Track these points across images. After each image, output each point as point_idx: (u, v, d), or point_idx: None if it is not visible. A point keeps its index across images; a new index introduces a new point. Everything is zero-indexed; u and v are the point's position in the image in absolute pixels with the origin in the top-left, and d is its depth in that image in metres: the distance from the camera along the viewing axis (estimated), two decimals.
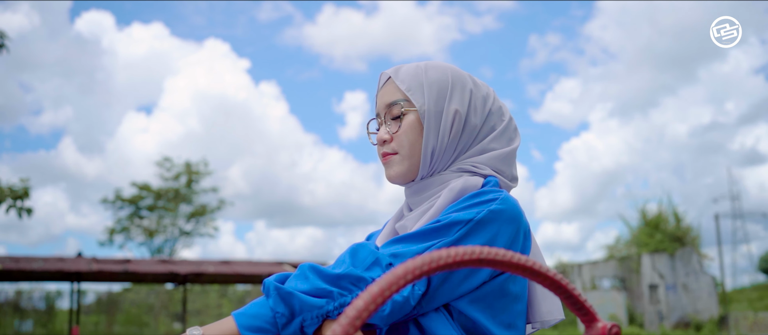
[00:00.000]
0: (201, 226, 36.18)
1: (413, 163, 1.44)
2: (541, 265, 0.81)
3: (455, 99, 1.44)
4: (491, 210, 1.29)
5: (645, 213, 26.43)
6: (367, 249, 1.25)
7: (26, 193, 12.63)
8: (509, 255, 0.79)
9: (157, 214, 35.21)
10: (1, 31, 11.82)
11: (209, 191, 35.72)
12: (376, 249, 1.26)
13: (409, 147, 1.43)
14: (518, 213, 1.33)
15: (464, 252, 0.77)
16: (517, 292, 1.35)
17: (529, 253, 1.35)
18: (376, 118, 1.52)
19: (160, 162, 34.96)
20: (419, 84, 1.44)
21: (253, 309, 1.20)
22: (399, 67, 1.49)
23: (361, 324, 0.70)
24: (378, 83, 1.52)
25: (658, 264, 24.67)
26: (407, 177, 1.46)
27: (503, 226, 1.29)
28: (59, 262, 16.76)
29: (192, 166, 35.13)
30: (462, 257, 0.77)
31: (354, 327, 0.69)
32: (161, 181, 34.97)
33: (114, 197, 34.46)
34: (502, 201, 1.31)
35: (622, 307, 23.88)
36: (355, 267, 1.21)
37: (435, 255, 0.76)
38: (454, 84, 1.46)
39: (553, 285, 0.82)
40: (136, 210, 34.91)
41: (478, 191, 1.34)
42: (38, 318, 26.86)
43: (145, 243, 35.25)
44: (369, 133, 1.56)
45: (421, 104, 1.42)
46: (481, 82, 1.52)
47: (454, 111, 1.43)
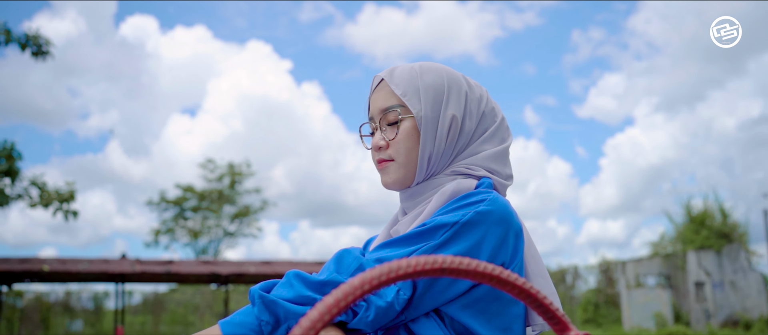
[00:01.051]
0: (244, 227, 36.49)
1: (410, 169, 1.43)
2: (510, 274, 0.80)
3: (452, 103, 1.42)
4: (478, 212, 1.27)
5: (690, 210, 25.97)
6: (352, 255, 1.25)
7: (72, 196, 12.90)
8: (474, 265, 0.78)
9: (201, 215, 35.60)
10: (46, 38, 12.06)
11: (252, 192, 36.02)
12: (361, 254, 1.26)
13: (406, 154, 1.42)
14: (507, 214, 1.30)
15: (425, 261, 0.76)
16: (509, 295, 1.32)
17: (521, 255, 1.32)
18: (369, 122, 1.51)
19: (203, 163, 35.36)
20: (415, 89, 1.42)
21: (239, 317, 1.20)
22: (393, 69, 1.48)
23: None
24: (371, 85, 1.51)
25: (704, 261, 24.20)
26: (404, 184, 1.44)
27: (491, 228, 1.26)
28: (104, 264, 17.05)
29: (235, 167, 35.46)
30: (423, 267, 0.76)
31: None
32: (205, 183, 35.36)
33: (159, 199, 34.93)
34: (490, 203, 1.28)
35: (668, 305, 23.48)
36: (339, 273, 1.21)
37: (394, 265, 0.75)
38: (450, 88, 1.44)
39: (522, 293, 0.81)
40: (180, 211, 35.34)
41: (467, 193, 1.32)
42: (87, 318, 27.42)
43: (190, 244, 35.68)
44: (362, 137, 1.54)
45: (418, 110, 1.41)
46: (474, 83, 1.50)
47: (451, 116, 1.41)
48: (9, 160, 12.11)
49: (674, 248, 25.72)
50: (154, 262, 17.81)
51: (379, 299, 1.18)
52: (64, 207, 12.81)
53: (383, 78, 1.47)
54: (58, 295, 27.01)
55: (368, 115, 1.51)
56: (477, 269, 0.78)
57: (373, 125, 1.48)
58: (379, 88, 1.47)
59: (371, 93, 1.50)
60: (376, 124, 1.47)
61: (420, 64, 1.47)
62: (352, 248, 1.28)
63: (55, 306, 26.78)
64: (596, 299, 25.07)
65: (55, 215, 12.73)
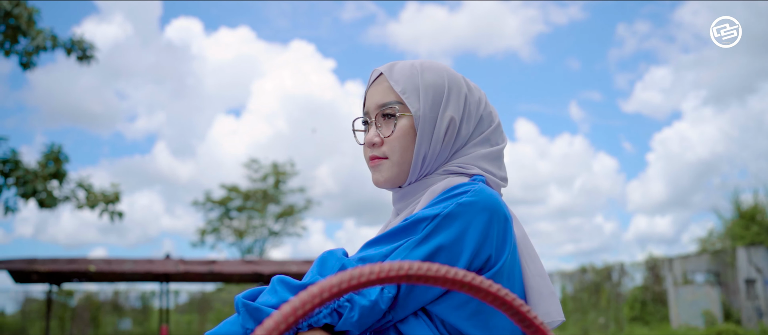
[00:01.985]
0: (289, 226, 36.72)
1: (403, 169, 1.40)
2: (483, 280, 0.76)
3: (451, 105, 1.39)
4: (460, 203, 1.23)
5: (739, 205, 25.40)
6: (335, 257, 1.23)
7: (117, 198, 13.10)
8: (443, 271, 0.75)
9: (246, 215, 35.92)
10: (90, 43, 12.26)
11: (296, 191, 36.21)
12: (344, 255, 1.24)
13: (400, 152, 1.39)
14: (493, 202, 1.26)
15: (390, 268, 0.73)
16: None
17: (511, 244, 1.27)
18: (363, 116, 1.47)
19: (247, 163, 35.65)
20: (415, 87, 1.39)
21: (225, 327, 1.19)
22: (393, 64, 1.44)
23: None
24: (369, 79, 1.47)
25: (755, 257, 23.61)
26: (395, 183, 1.42)
27: (476, 217, 1.22)
28: (148, 264, 17.30)
29: (278, 167, 35.70)
30: (387, 273, 0.73)
31: None
32: (249, 183, 35.67)
33: (204, 199, 35.33)
34: (473, 194, 1.25)
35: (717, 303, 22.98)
36: (322, 276, 1.19)
37: (356, 272, 0.72)
38: (450, 89, 1.41)
39: (496, 300, 0.77)
40: (225, 211, 35.69)
41: (453, 186, 1.29)
42: (135, 317, 27.88)
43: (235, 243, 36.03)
44: (355, 131, 1.50)
45: (417, 109, 1.37)
46: (474, 86, 1.47)
47: (449, 118, 1.38)
48: (56, 162, 12.33)
49: (723, 244, 25.18)
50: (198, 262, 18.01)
51: (362, 298, 1.16)
52: (109, 208, 13.02)
53: (382, 72, 1.43)
54: (107, 295, 27.53)
55: (363, 110, 1.47)
56: (446, 275, 0.75)
57: (368, 121, 1.45)
58: (378, 82, 1.44)
59: (368, 87, 1.46)
60: (371, 119, 1.43)
61: (421, 62, 1.43)
62: (336, 250, 1.25)
63: (105, 305, 27.28)
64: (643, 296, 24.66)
65: (101, 216, 12.94)
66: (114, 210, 13.08)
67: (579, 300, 24.52)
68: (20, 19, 11.16)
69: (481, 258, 1.22)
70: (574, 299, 24.64)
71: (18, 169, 11.93)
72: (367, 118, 1.45)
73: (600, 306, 24.36)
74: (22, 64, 11.74)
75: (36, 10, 11.57)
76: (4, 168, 11.94)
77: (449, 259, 1.20)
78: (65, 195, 12.70)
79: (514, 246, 1.29)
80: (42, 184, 11.96)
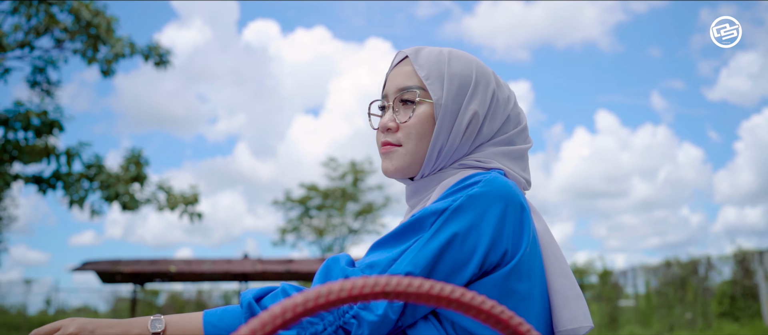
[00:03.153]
0: (368, 224, 36.86)
1: (416, 159, 1.30)
2: (474, 296, 0.68)
3: (476, 98, 1.29)
4: (470, 195, 1.14)
5: None
6: (339, 265, 1.16)
7: (196, 199, 13.38)
8: (426, 287, 0.67)
9: (325, 213, 36.21)
10: (166, 49, 12.53)
11: (375, 189, 36.32)
12: (349, 263, 1.17)
13: (415, 141, 1.29)
14: (507, 191, 1.16)
15: (364, 285, 0.66)
16: (526, 291, 1.15)
17: (529, 234, 1.17)
18: (381, 99, 1.37)
19: (325, 162, 35.93)
20: (440, 74, 1.29)
21: (225, 317, 1.15)
22: (419, 48, 1.34)
23: None
24: (392, 61, 1.37)
25: None
26: (405, 173, 1.32)
27: (489, 208, 1.13)
28: (226, 264, 17.61)
29: (356, 165, 35.86)
30: (360, 290, 0.66)
31: None
32: (328, 181, 35.95)
33: (284, 198, 35.79)
34: (485, 184, 1.15)
35: None
36: None
37: (324, 289, 0.65)
38: (477, 81, 1.31)
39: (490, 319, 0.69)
40: (305, 210, 36.04)
41: (463, 177, 1.19)
42: None
43: (316, 242, 36.36)
44: (370, 115, 1.41)
45: (439, 97, 1.27)
46: (504, 83, 1.37)
47: (473, 112, 1.28)
48: (137, 166, 12.67)
49: None
50: (275, 261, 18.23)
51: (369, 313, 1.08)
52: (188, 209, 13.30)
53: (408, 55, 1.33)
54: (192, 294, 28.18)
55: (382, 92, 1.37)
56: (430, 291, 0.67)
57: (384, 104, 1.35)
58: (401, 65, 1.34)
59: (391, 69, 1.37)
60: (389, 103, 1.33)
61: (449, 50, 1.34)
62: (340, 256, 1.18)
63: (189, 304, 27.93)
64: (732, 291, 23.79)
65: (181, 217, 13.24)
66: (193, 212, 13.36)
67: (664, 295, 23.81)
68: (99, 28, 11.47)
69: (496, 253, 1.13)
70: (659, 294, 23.95)
71: (101, 173, 12.29)
72: (384, 102, 1.36)
73: (686, 301, 23.60)
74: (103, 71, 12.07)
75: (115, 19, 11.88)
76: (89, 172, 12.33)
77: (461, 257, 1.11)
78: (147, 198, 13.02)
79: (533, 240, 1.18)
80: (124, 187, 12.29)
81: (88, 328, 1.17)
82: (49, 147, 11.85)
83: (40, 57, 12.28)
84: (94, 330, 1.17)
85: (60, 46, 12.03)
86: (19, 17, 11.70)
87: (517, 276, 1.14)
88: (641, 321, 21.18)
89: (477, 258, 1.11)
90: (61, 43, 11.96)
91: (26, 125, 11.59)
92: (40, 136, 11.81)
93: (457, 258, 1.10)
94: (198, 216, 13.47)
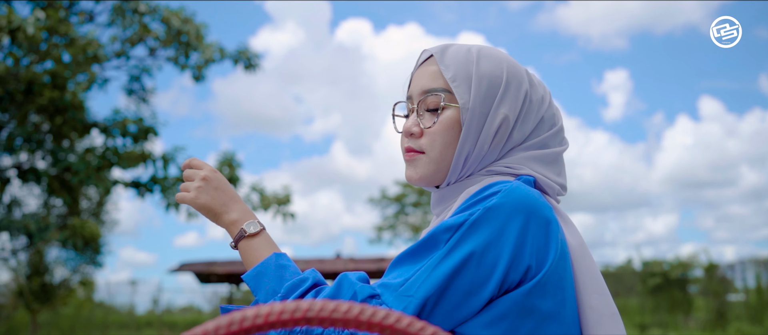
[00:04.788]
0: None
1: (441, 167, 1.22)
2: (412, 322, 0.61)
3: (507, 101, 1.20)
4: (488, 207, 1.05)
5: None
6: (349, 281, 1.09)
7: (288, 199, 13.59)
8: (356, 312, 0.60)
9: (421, 210, 36.22)
10: (255, 52, 12.76)
11: None
12: (363, 280, 1.10)
13: (440, 149, 1.21)
14: (529, 202, 1.07)
15: (282, 310, 0.59)
16: (551, 309, 1.06)
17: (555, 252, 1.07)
18: (406, 101, 1.30)
19: None
20: (467, 75, 1.20)
21: (270, 272, 1.22)
22: (447, 46, 1.26)
23: None
24: (417, 60, 1.29)
25: None
26: (430, 182, 1.24)
27: (509, 221, 1.04)
28: (319, 264, 17.76)
29: None
30: (278, 316, 0.59)
31: None
32: None
33: (380, 196, 35.98)
34: (505, 194, 1.06)
35: None
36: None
37: (238, 316, 0.59)
38: (508, 82, 1.21)
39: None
40: (401, 207, 36.16)
41: (484, 187, 1.10)
42: None
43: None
44: (394, 116, 1.33)
45: (466, 101, 1.19)
46: (538, 82, 1.27)
47: (503, 116, 1.19)
48: (230, 168, 12.96)
49: None
50: (367, 260, 18.28)
51: None
52: (281, 209, 13.52)
53: (433, 54, 1.25)
54: None
55: (407, 93, 1.29)
56: (359, 317, 0.60)
57: (409, 106, 1.27)
58: (426, 64, 1.26)
59: (416, 68, 1.29)
60: (413, 105, 1.25)
61: (479, 48, 1.25)
62: (352, 273, 1.11)
63: None
64: None
65: (274, 218, 13.47)
66: (286, 212, 13.56)
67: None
68: (189, 35, 11.78)
69: (518, 271, 1.04)
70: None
71: None
72: (409, 104, 1.28)
73: None
74: (195, 77, 12.39)
75: (204, 26, 12.18)
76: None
77: (479, 277, 1.03)
78: None
79: (562, 254, 1.08)
80: None
81: (213, 180, 1.32)
82: (145, 152, 12.24)
83: (136, 66, 12.71)
84: (218, 186, 1.31)
85: (153, 55, 12.42)
86: (115, 28, 12.15)
87: (540, 293, 1.05)
88: (752, 318, 20.17)
89: (496, 277, 1.03)
90: (154, 52, 12.35)
91: (123, 132, 12.03)
92: (137, 142, 12.23)
93: (474, 278, 1.03)
94: (291, 217, 13.67)
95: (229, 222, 1.28)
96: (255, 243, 1.26)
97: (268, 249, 1.25)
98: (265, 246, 1.25)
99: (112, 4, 11.78)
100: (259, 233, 1.27)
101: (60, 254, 18.10)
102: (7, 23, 9.66)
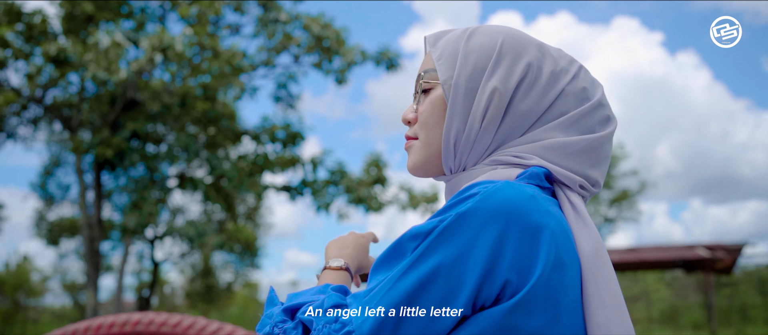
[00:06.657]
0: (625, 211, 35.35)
1: (432, 152, 1.12)
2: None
3: (498, 73, 1.06)
4: (460, 213, 0.91)
5: None
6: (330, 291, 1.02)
7: (435, 198, 13.64)
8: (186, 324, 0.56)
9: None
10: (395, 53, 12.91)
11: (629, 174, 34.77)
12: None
13: (427, 130, 1.11)
14: (510, 207, 0.91)
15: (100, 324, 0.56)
16: (538, 329, 0.90)
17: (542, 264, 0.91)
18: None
19: None
20: (453, 51, 1.10)
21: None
22: (443, 31, 1.17)
23: None
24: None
25: None
26: (429, 171, 1.14)
27: (485, 229, 0.89)
28: None
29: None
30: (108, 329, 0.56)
31: None
32: None
33: None
34: (481, 198, 0.91)
35: None
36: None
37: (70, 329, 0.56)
38: (502, 54, 1.08)
39: None
40: None
41: (467, 186, 0.96)
42: None
43: None
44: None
45: (448, 77, 1.08)
46: (558, 54, 1.13)
47: (492, 89, 1.05)
48: (378, 168, 13.15)
49: None
50: None
51: None
52: (430, 208, 13.60)
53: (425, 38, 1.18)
54: None
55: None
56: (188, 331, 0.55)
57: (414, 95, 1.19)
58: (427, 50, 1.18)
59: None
60: (415, 92, 1.18)
61: (479, 26, 1.14)
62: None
63: None
64: None
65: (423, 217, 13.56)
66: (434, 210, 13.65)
67: None
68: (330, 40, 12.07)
69: (493, 286, 0.90)
70: None
71: (345, 178, 12.91)
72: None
73: None
74: (337, 80, 12.68)
75: (344, 29, 12.43)
76: (334, 178, 13.00)
77: (446, 292, 0.90)
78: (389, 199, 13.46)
79: (557, 265, 0.93)
80: (366, 190, 12.79)
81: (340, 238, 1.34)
82: (294, 157, 12.65)
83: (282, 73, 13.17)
84: (354, 248, 1.30)
85: (298, 61, 12.82)
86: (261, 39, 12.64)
87: (524, 311, 0.90)
88: None
89: (465, 294, 0.89)
90: (299, 58, 12.74)
91: (272, 138, 12.49)
92: (286, 147, 12.65)
93: (440, 294, 0.90)
94: None
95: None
96: (328, 273, 1.23)
97: (334, 280, 1.21)
98: (335, 279, 1.19)
99: (256, 15, 12.27)
100: (338, 269, 1.22)
101: (224, 258, 19.05)
102: (159, 42, 10.27)
